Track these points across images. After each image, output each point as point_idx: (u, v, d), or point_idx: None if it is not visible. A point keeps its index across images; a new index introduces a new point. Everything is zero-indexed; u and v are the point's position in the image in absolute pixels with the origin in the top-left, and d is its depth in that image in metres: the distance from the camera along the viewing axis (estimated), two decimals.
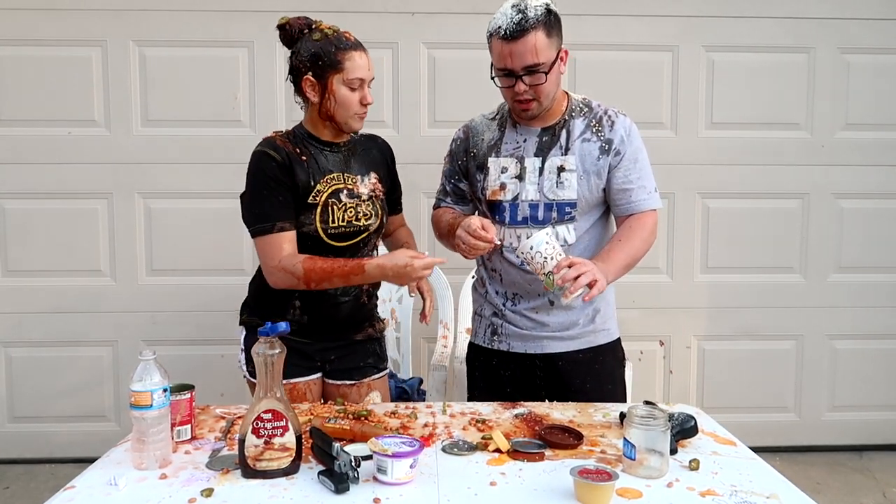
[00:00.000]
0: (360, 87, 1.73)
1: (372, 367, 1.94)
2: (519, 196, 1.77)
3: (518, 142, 1.80)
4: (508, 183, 1.78)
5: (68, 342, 2.98)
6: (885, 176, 3.07)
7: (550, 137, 1.78)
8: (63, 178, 2.91)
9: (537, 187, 1.76)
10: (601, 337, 1.85)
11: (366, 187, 1.82)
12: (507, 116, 1.84)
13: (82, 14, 2.87)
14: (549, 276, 1.56)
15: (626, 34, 2.98)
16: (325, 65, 1.71)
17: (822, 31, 3.01)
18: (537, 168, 1.77)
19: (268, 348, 1.29)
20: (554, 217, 1.77)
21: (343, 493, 1.21)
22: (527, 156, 1.78)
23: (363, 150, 1.88)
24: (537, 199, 1.76)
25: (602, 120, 1.79)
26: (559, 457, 1.37)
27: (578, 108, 1.80)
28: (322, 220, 1.75)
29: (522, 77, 1.67)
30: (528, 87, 1.68)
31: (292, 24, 1.77)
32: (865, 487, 2.88)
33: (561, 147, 1.77)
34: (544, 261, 1.57)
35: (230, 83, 2.92)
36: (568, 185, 1.75)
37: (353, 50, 1.72)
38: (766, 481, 1.29)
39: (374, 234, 1.87)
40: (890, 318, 3.14)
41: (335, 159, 1.80)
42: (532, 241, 1.58)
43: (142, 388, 1.31)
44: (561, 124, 1.78)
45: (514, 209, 1.78)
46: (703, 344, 3.13)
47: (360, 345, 1.92)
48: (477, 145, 1.85)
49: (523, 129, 1.80)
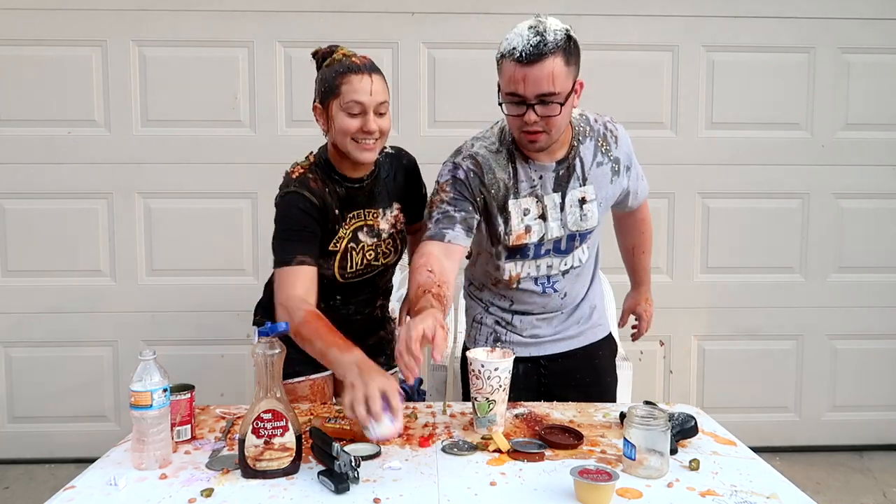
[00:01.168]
0: (362, 114, 1.58)
1: (382, 365, 1.86)
2: (545, 236, 1.71)
3: (533, 179, 1.69)
4: (533, 225, 1.70)
5: (68, 342, 2.98)
6: (885, 176, 3.07)
7: (567, 170, 1.69)
8: (63, 178, 2.91)
9: (560, 223, 1.70)
10: (599, 332, 1.88)
11: (387, 222, 1.75)
12: (513, 150, 1.69)
13: (82, 14, 2.87)
14: (490, 403, 1.46)
15: (626, 34, 2.98)
16: (327, 91, 1.61)
17: (822, 31, 3.01)
18: (557, 204, 1.69)
19: (268, 348, 1.29)
20: (576, 245, 1.75)
21: (343, 493, 1.21)
22: (545, 193, 1.69)
23: (386, 175, 1.76)
24: (561, 235, 1.72)
25: (607, 137, 1.72)
26: (559, 457, 1.37)
27: (582, 130, 1.71)
28: (340, 267, 1.70)
29: (534, 106, 1.53)
30: (539, 117, 1.53)
31: (318, 53, 1.67)
32: (865, 487, 2.88)
33: (578, 178, 1.70)
34: (498, 388, 1.45)
35: (230, 83, 2.92)
36: (591, 216, 1.72)
37: (354, 73, 1.57)
38: (766, 481, 1.29)
39: (392, 267, 1.84)
40: (890, 318, 3.14)
41: (357, 197, 1.70)
42: (500, 362, 1.45)
43: (142, 388, 1.31)
44: (573, 154, 1.69)
45: (539, 247, 1.73)
46: (703, 344, 3.13)
47: (373, 348, 1.87)
48: (494, 185, 1.67)
49: (536, 164, 1.67)
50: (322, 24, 2.88)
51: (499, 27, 2.94)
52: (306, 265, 1.59)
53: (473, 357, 1.48)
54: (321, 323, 1.51)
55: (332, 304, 1.76)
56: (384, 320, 1.97)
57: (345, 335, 1.65)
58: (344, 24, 2.91)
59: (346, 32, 2.91)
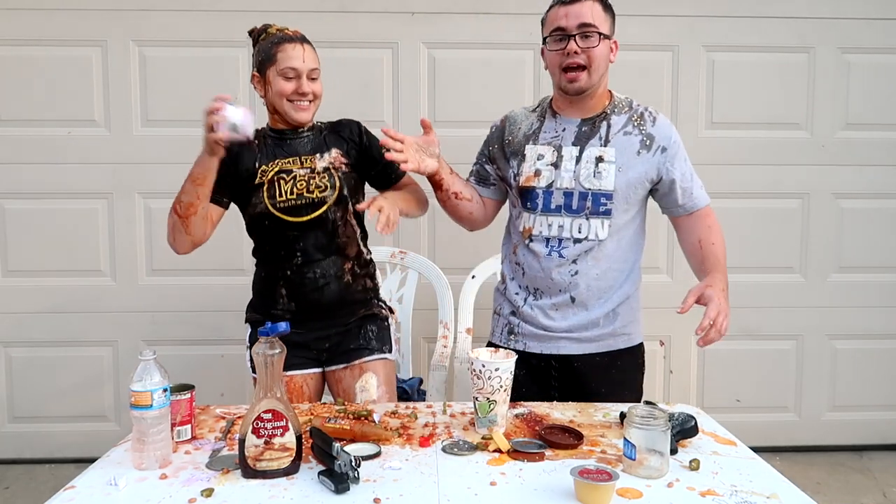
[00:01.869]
0: (297, 78, 1.77)
1: (365, 348, 1.89)
2: (553, 184, 1.76)
3: (557, 131, 1.80)
4: (543, 170, 1.77)
5: (68, 342, 2.98)
6: (885, 176, 3.07)
7: (590, 128, 1.78)
8: (63, 178, 2.91)
9: (573, 175, 1.75)
10: (620, 342, 1.82)
11: (323, 162, 1.83)
12: (547, 108, 1.85)
13: (82, 14, 2.87)
14: (491, 403, 1.47)
15: (626, 34, 2.97)
16: (264, 60, 1.80)
17: (822, 31, 3.01)
18: (574, 157, 1.76)
19: (268, 348, 1.29)
20: (588, 207, 1.74)
21: (343, 493, 1.21)
22: (564, 144, 1.77)
23: (324, 135, 1.89)
24: (572, 188, 1.75)
25: (644, 115, 1.79)
26: (559, 457, 1.37)
27: (620, 105, 1.81)
28: (269, 196, 1.79)
29: (575, 37, 1.69)
30: (580, 49, 1.69)
31: (253, 31, 1.89)
32: (865, 487, 2.88)
33: (601, 138, 1.76)
34: (498, 388, 1.46)
35: (230, 83, 2.92)
36: (606, 176, 1.73)
37: (288, 42, 1.78)
38: (766, 481, 1.29)
39: (336, 207, 1.82)
40: (890, 318, 3.14)
41: (289, 145, 1.85)
42: (501, 363, 1.47)
43: (142, 388, 1.31)
44: (601, 117, 1.78)
45: (548, 196, 1.76)
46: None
47: (355, 328, 1.90)
48: (513, 133, 1.85)
49: (563, 119, 1.80)
50: (322, 24, 2.87)
51: (499, 27, 2.97)
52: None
53: (475, 357, 1.48)
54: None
55: (296, 265, 1.82)
56: (368, 296, 1.94)
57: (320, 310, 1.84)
58: (344, 24, 2.91)
59: (345, 32, 2.91)
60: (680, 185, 1.79)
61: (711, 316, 1.59)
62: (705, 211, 1.84)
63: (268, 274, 1.88)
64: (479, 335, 2.27)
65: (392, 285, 2.55)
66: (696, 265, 1.83)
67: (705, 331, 1.58)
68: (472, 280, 2.50)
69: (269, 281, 1.87)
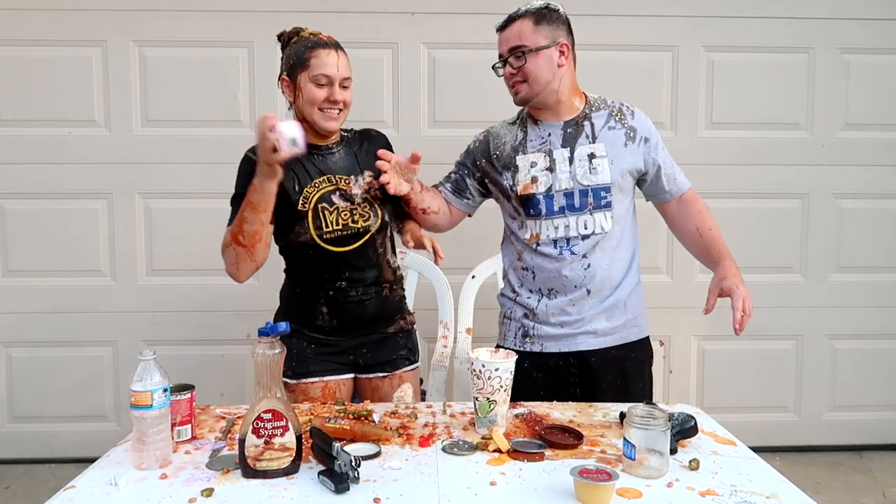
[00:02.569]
0: (329, 85, 1.73)
1: (404, 359, 1.93)
2: (552, 187, 1.80)
3: (543, 137, 1.83)
4: (539, 175, 1.81)
5: (68, 342, 2.98)
6: (885, 176, 3.07)
7: (575, 128, 1.82)
8: (63, 178, 2.91)
9: (569, 175, 1.79)
10: (633, 333, 1.88)
11: (359, 188, 1.81)
12: (526, 118, 1.88)
13: (82, 14, 2.87)
14: (491, 403, 1.47)
15: (626, 34, 2.98)
16: (296, 64, 1.76)
17: (822, 31, 3.01)
18: (566, 158, 1.80)
19: (268, 348, 1.29)
20: (590, 203, 1.79)
21: (343, 493, 1.21)
22: (554, 148, 1.82)
23: (356, 148, 1.86)
24: (571, 187, 1.79)
25: (622, 110, 1.86)
26: (559, 457, 1.37)
27: (597, 104, 1.86)
28: (315, 227, 1.75)
29: (508, 60, 1.79)
30: (514, 69, 1.78)
31: (283, 34, 1.84)
32: (865, 487, 2.88)
33: (588, 136, 1.81)
34: (498, 388, 1.46)
35: (230, 83, 2.92)
36: (601, 170, 1.79)
37: (322, 48, 1.75)
38: (766, 481, 1.29)
39: (379, 234, 1.84)
40: (890, 318, 3.14)
41: (323, 163, 1.81)
42: (501, 363, 1.47)
43: (142, 388, 1.31)
44: (583, 117, 1.83)
45: (550, 201, 1.80)
46: (703, 344, 3.13)
47: (392, 337, 1.92)
48: (499, 148, 1.88)
49: (545, 124, 1.84)
50: (322, 24, 2.83)
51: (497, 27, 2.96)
52: None
53: (475, 357, 1.48)
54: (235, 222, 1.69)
55: (339, 287, 1.81)
56: (402, 305, 1.97)
57: (362, 323, 1.82)
58: (344, 24, 2.91)
59: (345, 32, 2.88)
60: (665, 172, 1.87)
61: (738, 307, 1.72)
62: (691, 195, 1.92)
63: (305, 291, 1.85)
64: (479, 335, 2.27)
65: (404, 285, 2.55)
66: (700, 253, 1.93)
67: (740, 323, 1.71)
68: (472, 280, 2.50)
69: (307, 297, 1.83)
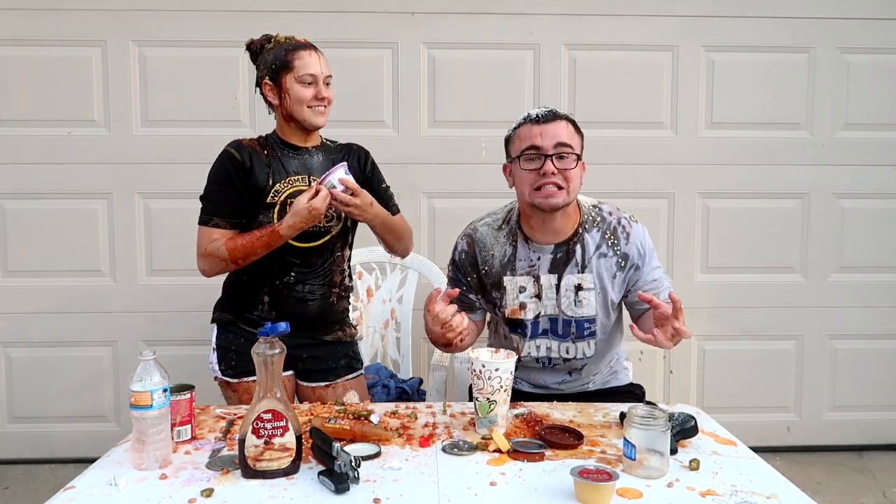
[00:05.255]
0: (314, 84, 1.81)
1: (345, 367, 1.97)
2: (539, 314, 1.77)
3: (532, 259, 1.76)
4: (528, 303, 1.77)
5: (68, 342, 2.98)
6: (885, 176, 3.07)
7: (565, 254, 1.75)
8: (63, 178, 2.91)
9: (555, 303, 1.76)
10: (612, 381, 1.90)
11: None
12: (516, 230, 1.78)
13: (82, 14, 2.87)
14: (491, 403, 1.47)
15: (626, 34, 2.98)
16: (278, 67, 1.82)
17: (822, 31, 3.01)
18: (553, 285, 1.75)
19: (268, 348, 1.29)
20: (573, 332, 1.77)
21: (343, 493, 1.21)
22: (542, 273, 1.76)
23: (334, 156, 1.92)
24: (556, 314, 1.77)
25: (616, 231, 1.76)
26: (559, 457, 1.37)
27: (591, 219, 1.77)
28: (279, 219, 1.80)
29: (552, 157, 1.63)
30: (556, 170, 1.63)
31: (254, 42, 1.90)
32: (865, 487, 2.88)
33: (577, 264, 1.74)
34: (498, 388, 1.46)
35: (230, 83, 2.92)
36: (587, 304, 1.74)
37: (302, 49, 1.82)
38: (766, 481, 1.29)
39: (339, 239, 1.90)
40: (890, 318, 3.13)
41: (301, 163, 1.87)
42: (501, 363, 1.47)
43: (142, 388, 1.31)
44: (575, 240, 1.74)
45: (535, 325, 1.78)
46: (703, 344, 3.13)
47: (332, 346, 1.96)
48: (488, 262, 1.80)
49: (535, 246, 1.76)
50: (322, 24, 2.88)
51: (499, 27, 2.97)
52: (220, 228, 1.84)
53: (475, 357, 1.48)
54: (240, 239, 1.79)
55: (286, 281, 1.85)
56: (344, 317, 2.00)
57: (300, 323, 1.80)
58: (344, 24, 2.91)
59: (346, 32, 2.91)
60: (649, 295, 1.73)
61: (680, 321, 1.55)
62: None
63: (252, 279, 1.89)
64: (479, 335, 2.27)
65: (392, 285, 2.56)
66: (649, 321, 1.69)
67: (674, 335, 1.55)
68: None
69: (251, 286, 1.89)
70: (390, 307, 2.53)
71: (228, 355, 1.90)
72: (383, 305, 2.54)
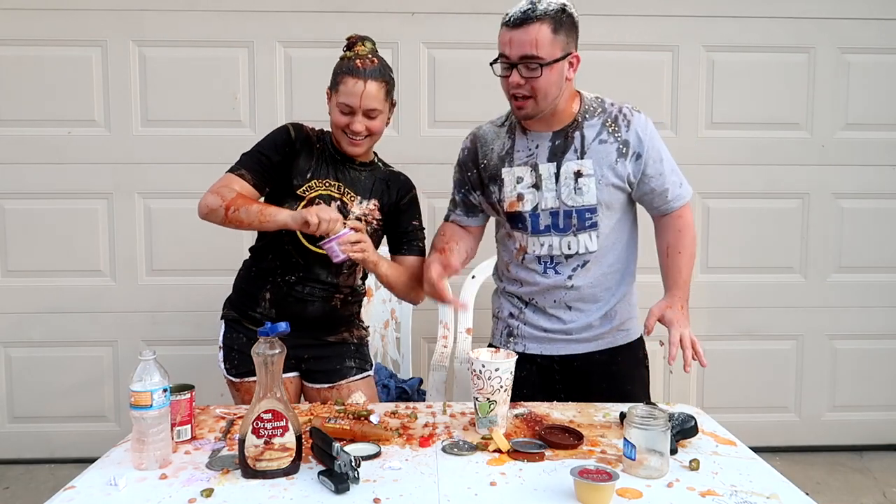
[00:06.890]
0: (351, 114, 1.73)
1: (351, 368, 1.93)
2: (538, 206, 1.74)
3: (530, 148, 1.74)
4: (526, 193, 1.74)
5: (68, 342, 2.98)
6: (885, 176, 3.07)
7: (563, 141, 1.72)
8: (63, 178, 2.91)
9: (555, 194, 1.72)
10: (619, 338, 1.84)
11: (360, 209, 1.82)
12: (515, 123, 1.78)
13: (82, 14, 2.87)
14: (491, 403, 1.47)
15: (626, 34, 2.98)
16: (333, 83, 1.77)
17: (822, 31, 3.01)
18: (552, 174, 1.72)
19: (268, 348, 1.29)
20: (574, 224, 1.73)
21: (343, 493, 1.21)
22: (540, 162, 1.73)
23: (377, 179, 1.87)
24: (556, 207, 1.73)
25: (618, 119, 1.73)
26: (559, 457, 1.37)
27: (591, 109, 1.74)
28: None
29: (518, 67, 1.61)
30: (523, 80, 1.62)
31: (350, 39, 1.81)
32: (865, 487, 2.88)
33: (576, 150, 1.71)
34: (498, 389, 1.46)
35: (230, 83, 2.92)
36: (587, 191, 1.71)
37: (350, 76, 1.72)
38: (766, 481, 1.29)
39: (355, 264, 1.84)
40: (890, 318, 3.14)
41: (344, 173, 1.83)
42: (501, 363, 1.47)
43: (142, 388, 1.31)
44: (574, 126, 1.73)
45: (535, 219, 1.74)
46: (704, 344, 3.10)
47: (336, 347, 1.92)
48: (487, 155, 1.80)
49: (534, 134, 1.74)
50: (322, 25, 2.88)
51: (499, 27, 2.96)
52: (245, 180, 1.77)
53: (475, 357, 1.48)
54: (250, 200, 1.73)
55: (289, 280, 1.83)
56: (351, 320, 1.96)
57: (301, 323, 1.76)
58: (344, 24, 2.89)
59: (345, 32, 2.85)
60: (656, 191, 1.76)
61: (675, 342, 1.63)
62: (678, 212, 1.80)
63: (259, 274, 1.88)
64: (479, 335, 2.27)
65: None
66: (662, 271, 1.82)
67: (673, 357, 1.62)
68: (472, 280, 2.50)
69: (256, 281, 1.87)
70: (390, 307, 2.53)
71: (232, 354, 1.90)
72: (383, 305, 2.54)
